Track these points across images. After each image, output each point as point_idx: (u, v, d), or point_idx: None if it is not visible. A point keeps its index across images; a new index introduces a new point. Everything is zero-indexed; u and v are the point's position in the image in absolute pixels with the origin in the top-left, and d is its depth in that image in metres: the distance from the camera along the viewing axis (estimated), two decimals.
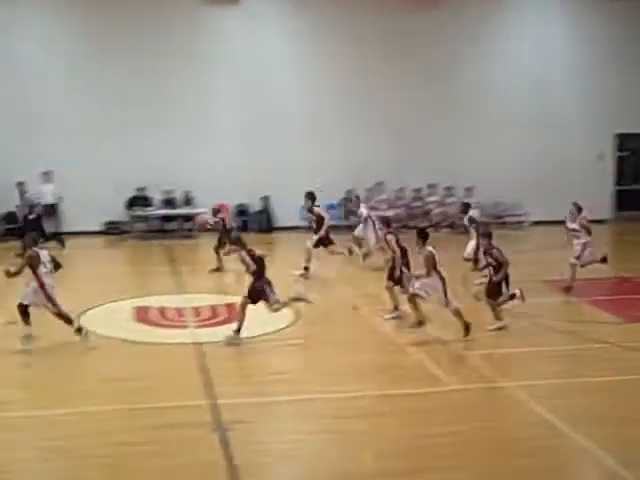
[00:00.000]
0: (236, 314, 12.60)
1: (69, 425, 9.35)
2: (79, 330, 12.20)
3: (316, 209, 18.06)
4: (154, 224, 23.65)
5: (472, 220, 17.35)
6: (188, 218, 23.75)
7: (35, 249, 12.08)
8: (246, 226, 24.14)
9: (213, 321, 13.85)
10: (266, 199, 24.35)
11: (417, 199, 25.33)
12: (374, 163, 24.05)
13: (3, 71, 22.58)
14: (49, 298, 11.92)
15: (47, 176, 22.18)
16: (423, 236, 12.65)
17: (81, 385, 10.73)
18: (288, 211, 23.87)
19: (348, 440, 8.97)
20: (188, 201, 23.71)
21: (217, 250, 17.59)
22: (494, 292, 13.03)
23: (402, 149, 24.52)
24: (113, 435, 8.98)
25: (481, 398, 10.36)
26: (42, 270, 11.90)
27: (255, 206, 24.50)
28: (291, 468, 8.41)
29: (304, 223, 23.80)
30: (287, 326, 13.35)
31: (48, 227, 22.29)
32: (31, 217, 20.62)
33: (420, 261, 12.75)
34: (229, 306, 14.54)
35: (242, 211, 24.41)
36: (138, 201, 23.39)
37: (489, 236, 13.39)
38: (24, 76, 22.69)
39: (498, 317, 13.06)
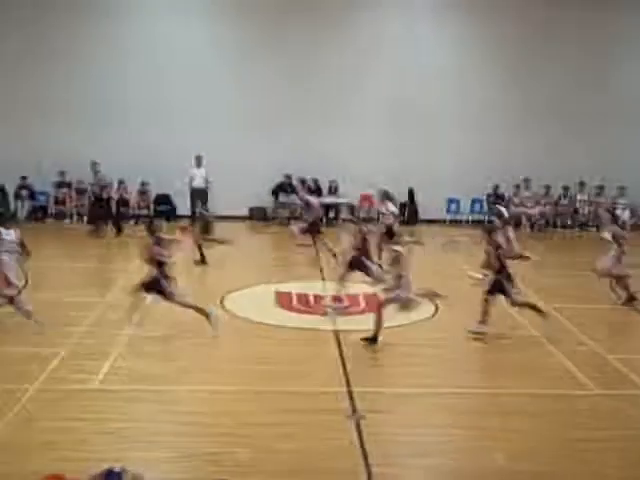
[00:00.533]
0: (374, 304, 12.67)
1: (213, 402, 9.73)
2: None
3: (305, 195, 17.80)
4: (297, 212, 24.00)
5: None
6: (332, 207, 24.03)
7: None
8: None
9: (352, 310, 13.97)
10: (411, 191, 24.29)
11: (565, 197, 24.67)
12: (522, 158, 23.60)
13: (161, 59, 23.45)
14: None
15: (198, 161, 22.90)
16: (390, 234, 12.37)
17: (225, 365, 11.06)
18: (434, 203, 23.81)
19: (482, 437, 8.87)
20: (333, 190, 23.95)
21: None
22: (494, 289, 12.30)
23: (552, 145, 23.92)
24: (253, 415, 9.25)
25: (627, 405, 9.99)
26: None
27: (401, 198, 24.44)
28: (422, 461, 8.38)
29: (450, 216, 23.77)
30: (427, 318, 13.32)
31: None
32: (103, 197, 21.53)
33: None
34: (367, 296, 14.65)
35: None
36: (284, 188, 23.81)
37: (489, 232, 12.69)
38: (183, 63, 23.50)
39: (483, 319, 12.32)
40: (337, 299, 14.06)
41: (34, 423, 8.95)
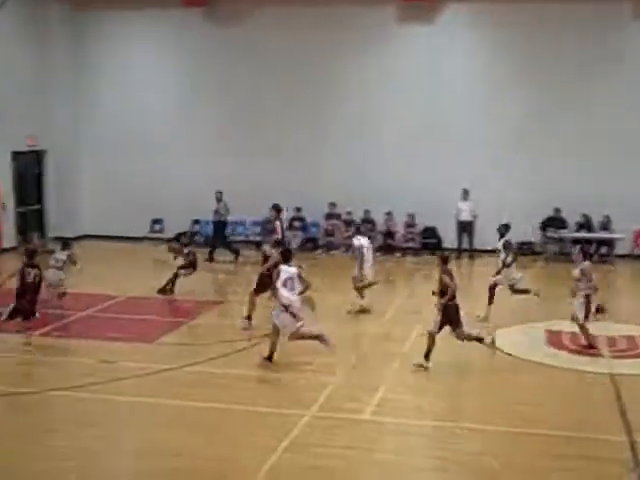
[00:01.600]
0: None
1: (479, 441, 9.57)
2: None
3: (277, 223, 17.42)
4: (567, 247, 23.17)
5: (508, 244, 15.79)
6: (605, 242, 22.97)
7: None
8: None
9: (630, 353, 13.24)
10: None
11: None
12: None
13: (429, 90, 23.68)
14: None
15: (465, 193, 22.84)
16: (286, 255, 12.70)
17: (493, 404, 10.87)
18: None
19: None
20: (605, 225, 22.89)
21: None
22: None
23: None
24: (522, 457, 9.01)
25: None
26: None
27: None
28: None
29: None
30: None
31: (462, 244, 23.06)
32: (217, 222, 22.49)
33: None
34: None
35: None
36: (553, 222, 23.13)
37: (444, 260, 12.57)
38: (448, 95, 23.66)
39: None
40: (611, 341, 13.41)
41: (309, 448, 9.28)
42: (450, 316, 12.12)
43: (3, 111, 21.97)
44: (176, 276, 17.48)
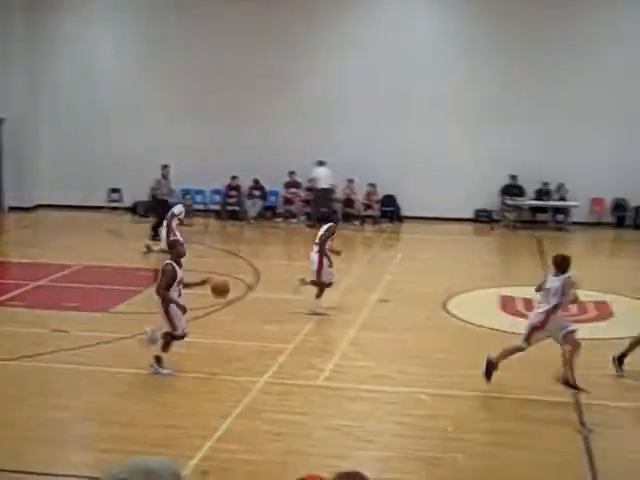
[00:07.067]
0: (605, 312, 12.05)
1: (436, 406, 9.67)
2: None
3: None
4: (525, 214, 23.36)
5: None
6: (561, 210, 23.20)
7: None
8: (622, 222, 23.04)
9: (580, 318, 13.38)
10: None
11: None
12: None
13: (376, 57, 23.64)
14: None
15: None
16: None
17: (447, 370, 10.89)
18: None
19: None
20: (561, 193, 23.09)
21: None
22: None
23: None
24: (478, 422, 9.17)
25: None
26: None
27: (635, 201, 23.06)
28: None
29: None
30: None
31: None
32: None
33: None
34: (598, 304, 14.03)
35: (619, 206, 23.20)
36: (511, 190, 23.24)
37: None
38: (412, 63, 23.53)
39: None
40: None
41: (263, 414, 9.30)
42: None
43: None
44: None
